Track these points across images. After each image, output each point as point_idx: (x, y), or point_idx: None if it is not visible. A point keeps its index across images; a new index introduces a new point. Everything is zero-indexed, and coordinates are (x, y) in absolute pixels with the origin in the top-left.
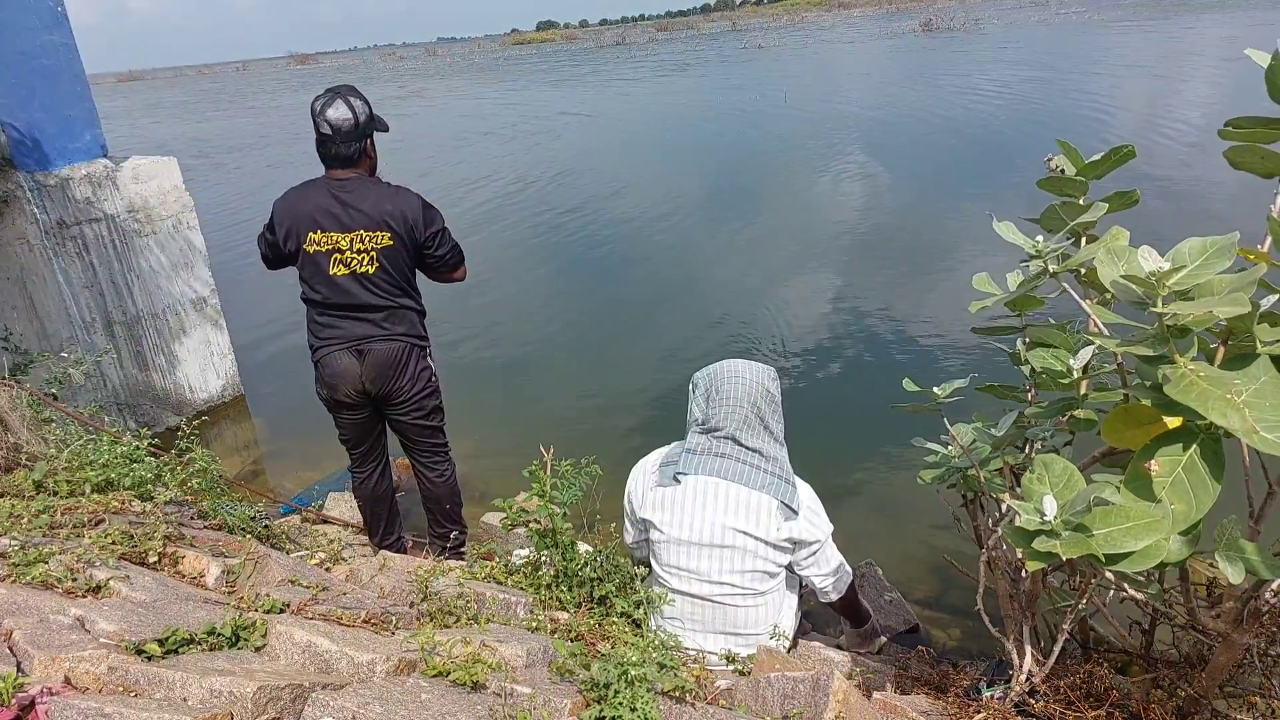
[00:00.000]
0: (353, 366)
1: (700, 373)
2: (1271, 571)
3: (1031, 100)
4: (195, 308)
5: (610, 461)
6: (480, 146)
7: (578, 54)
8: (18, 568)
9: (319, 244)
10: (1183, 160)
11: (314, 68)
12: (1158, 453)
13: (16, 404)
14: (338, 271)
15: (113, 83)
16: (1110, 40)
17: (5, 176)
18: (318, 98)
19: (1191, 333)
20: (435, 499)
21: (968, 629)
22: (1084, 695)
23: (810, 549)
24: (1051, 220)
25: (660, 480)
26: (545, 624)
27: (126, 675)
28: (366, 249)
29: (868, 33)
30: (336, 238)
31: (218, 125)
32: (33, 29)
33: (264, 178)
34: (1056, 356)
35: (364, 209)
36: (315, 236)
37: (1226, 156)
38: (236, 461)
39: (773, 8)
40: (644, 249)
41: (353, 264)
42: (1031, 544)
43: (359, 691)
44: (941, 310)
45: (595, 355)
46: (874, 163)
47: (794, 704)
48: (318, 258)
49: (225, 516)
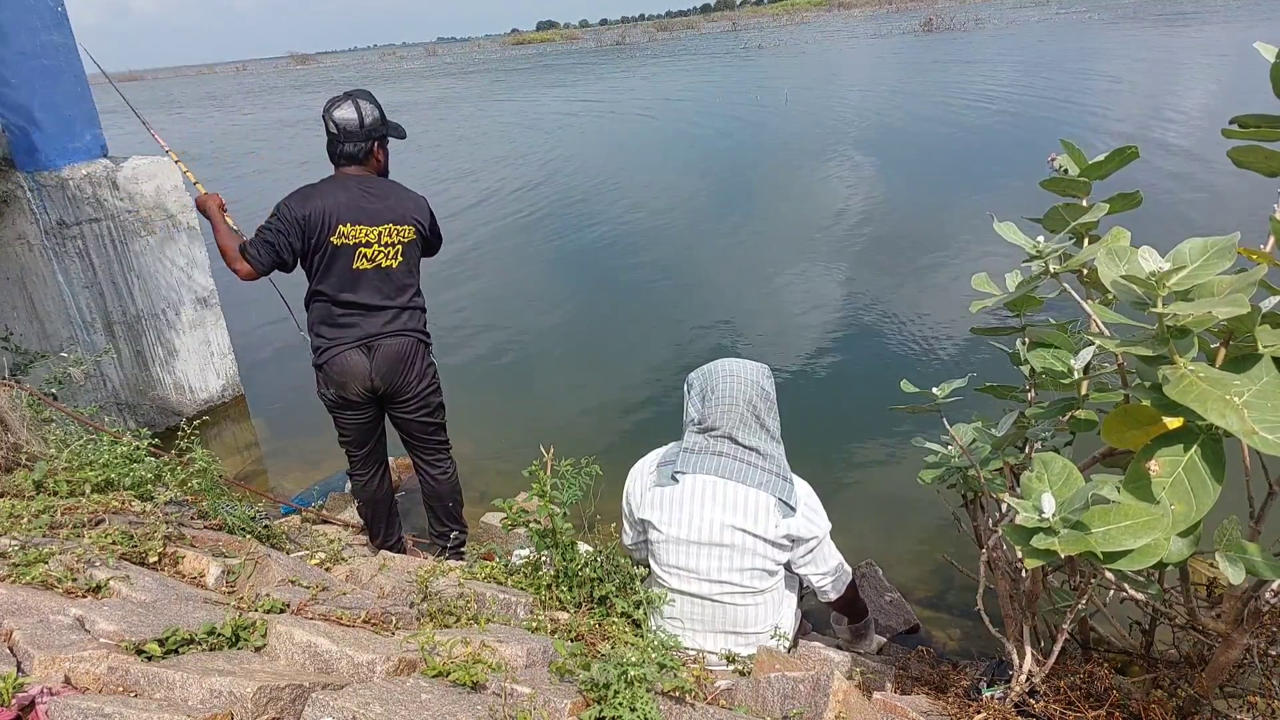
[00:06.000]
0: (362, 364)
1: (695, 373)
2: (1272, 572)
3: (1032, 100)
4: (195, 307)
5: (610, 461)
6: (480, 147)
7: (579, 54)
8: (18, 568)
9: (348, 236)
10: (1184, 160)
11: (314, 68)
12: (1158, 453)
13: (16, 404)
14: (361, 265)
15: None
16: (1110, 40)
17: (5, 176)
18: (332, 99)
19: (1192, 333)
20: (437, 497)
21: (968, 629)
22: (1084, 695)
23: (808, 546)
24: (1054, 221)
25: (658, 480)
26: (545, 624)
27: (126, 675)
28: (394, 242)
29: (868, 32)
30: (365, 230)
31: (217, 125)
32: (33, 29)
33: (264, 178)
34: (1057, 357)
35: (390, 204)
36: (345, 229)
37: (1230, 156)
38: (236, 461)
39: (773, 8)
40: (644, 248)
41: (378, 258)
42: (1030, 542)
43: (359, 691)
44: (942, 310)
45: (595, 355)
46: (874, 163)
47: (794, 704)
48: (343, 250)
49: (225, 516)
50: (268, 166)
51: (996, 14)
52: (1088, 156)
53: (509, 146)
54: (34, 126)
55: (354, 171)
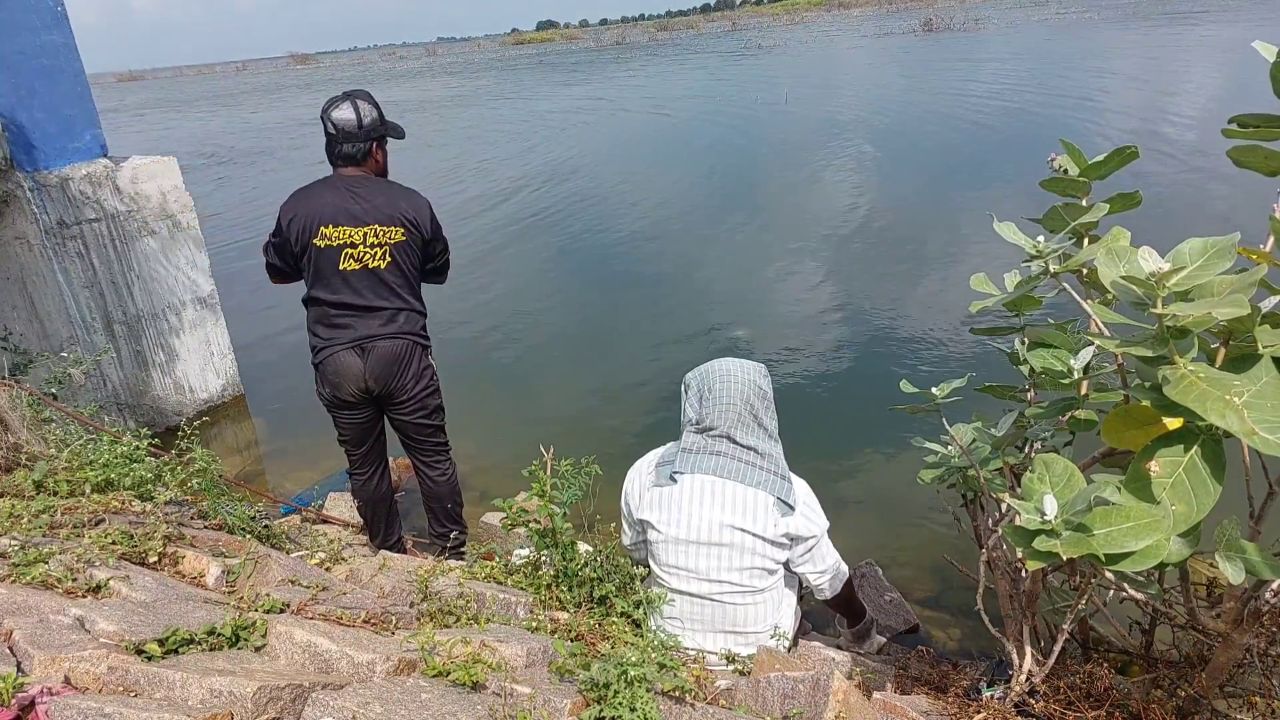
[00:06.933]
0: (356, 365)
1: (692, 373)
2: (1272, 571)
3: (1033, 100)
4: (195, 307)
5: (610, 461)
6: (487, 146)
7: (580, 54)
8: (18, 568)
9: (331, 238)
10: (1184, 160)
11: (314, 68)
12: (1158, 454)
13: (16, 404)
14: (348, 266)
15: (113, 83)
16: (1111, 40)
17: (5, 176)
18: (331, 99)
19: (1192, 334)
20: (437, 498)
21: (968, 629)
22: (1084, 695)
23: (807, 545)
24: (1054, 221)
25: (657, 480)
26: (545, 624)
27: (126, 675)
28: (381, 243)
29: (868, 32)
30: (349, 232)
31: (228, 124)
32: (33, 29)
33: (265, 178)
34: (1057, 357)
35: (378, 204)
36: (327, 230)
37: (1230, 155)
38: (236, 461)
39: (772, 7)
40: (645, 248)
41: (365, 258)
42: (1032, 544)
43: (359, 691)
44: (942, 310)
45: (595, 355)
46: (874, 163)
47: (794, 704)
48: (329, 252)
49: (225, 516)
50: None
51: (996, 14)
52: (1087, 156)
53: (510, 147)
54: (34, 126)
55: (351, 172)
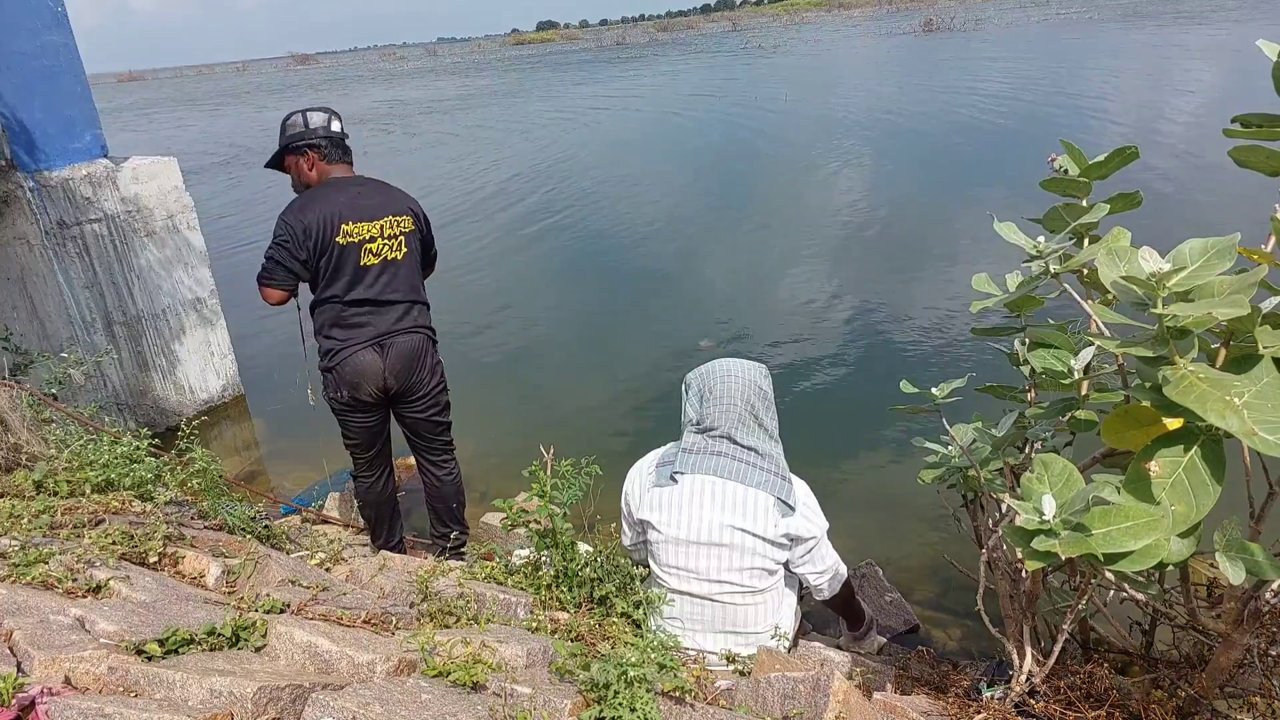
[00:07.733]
0: (376, 363)
1: (692, 373)
2: (1272, 572)
3: (1033, 100)
4: (195, 308)
5: (610, 461)
6: (493, 145)
7: (581, 54)
8: (18, 568)
9: (352, 235)
10: (1185, 159)
11: (315, 67)
12: (1158, 454)
13: (16, 404)
14: (368, 261)
15: (113, 83)
16: (1111, 39)
17: (5, 176)
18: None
19: (1192, 334)
20: (441, 498)
21: (968, 629)
22: (1084, 695)
23: (807, 545)
24: (1054, 221)
25: (657, 480)
26: (545, 624)
27: (126, 675)
28: (396, 233)
29: (868, 32)
30: (368, 226)
31: (236, 123)
32: (33, 29)
33: (275, 177)
34: (1057, 357)
35: (385, 197)
36: (348, 227)
37: (1231, 155)
38: (236, 461)
39: (772, 8)
40: (645, 248)
41: (383, 251)
42: (1031, 544)
43: (359, 692)
44: (943, 310)
45: (595, 355)
46: (874, 163)
47: (794, 704)
48: (349, 249)
49: (225, 516)
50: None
51: (996, 14)
52: (1088, 156)
53: (513, 147)
54: (34, 127)
55: (347, 173)
